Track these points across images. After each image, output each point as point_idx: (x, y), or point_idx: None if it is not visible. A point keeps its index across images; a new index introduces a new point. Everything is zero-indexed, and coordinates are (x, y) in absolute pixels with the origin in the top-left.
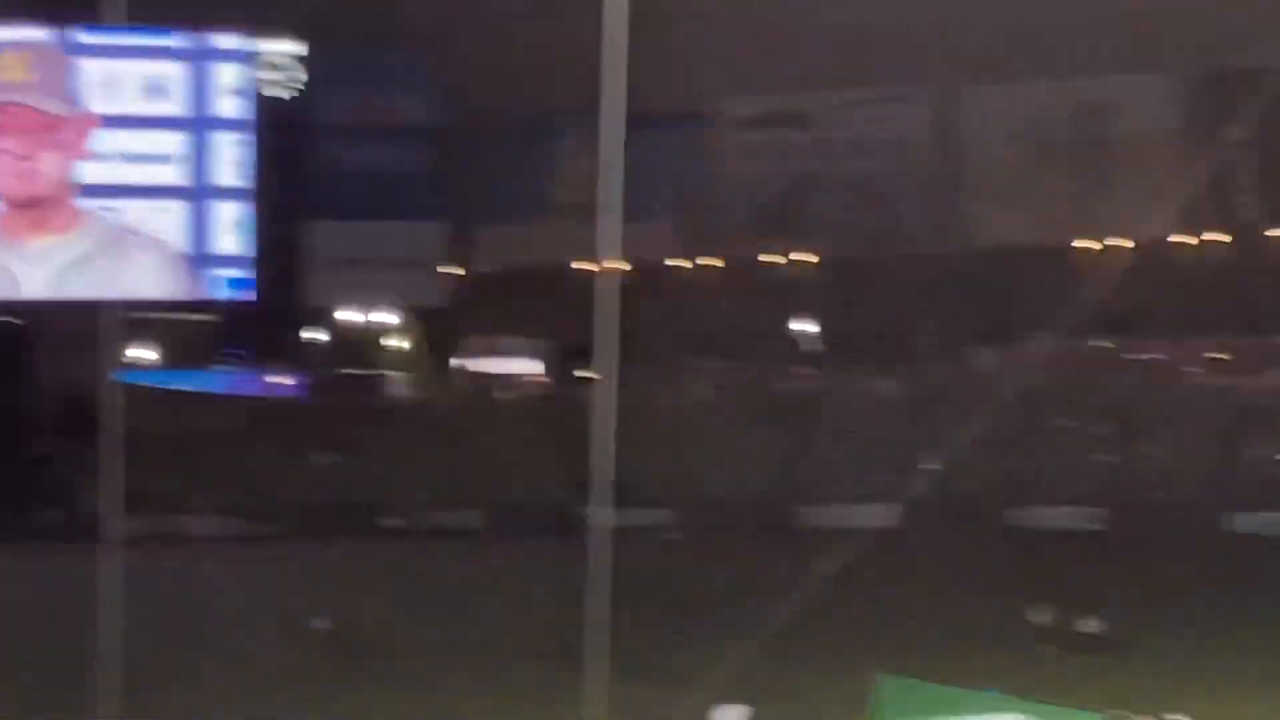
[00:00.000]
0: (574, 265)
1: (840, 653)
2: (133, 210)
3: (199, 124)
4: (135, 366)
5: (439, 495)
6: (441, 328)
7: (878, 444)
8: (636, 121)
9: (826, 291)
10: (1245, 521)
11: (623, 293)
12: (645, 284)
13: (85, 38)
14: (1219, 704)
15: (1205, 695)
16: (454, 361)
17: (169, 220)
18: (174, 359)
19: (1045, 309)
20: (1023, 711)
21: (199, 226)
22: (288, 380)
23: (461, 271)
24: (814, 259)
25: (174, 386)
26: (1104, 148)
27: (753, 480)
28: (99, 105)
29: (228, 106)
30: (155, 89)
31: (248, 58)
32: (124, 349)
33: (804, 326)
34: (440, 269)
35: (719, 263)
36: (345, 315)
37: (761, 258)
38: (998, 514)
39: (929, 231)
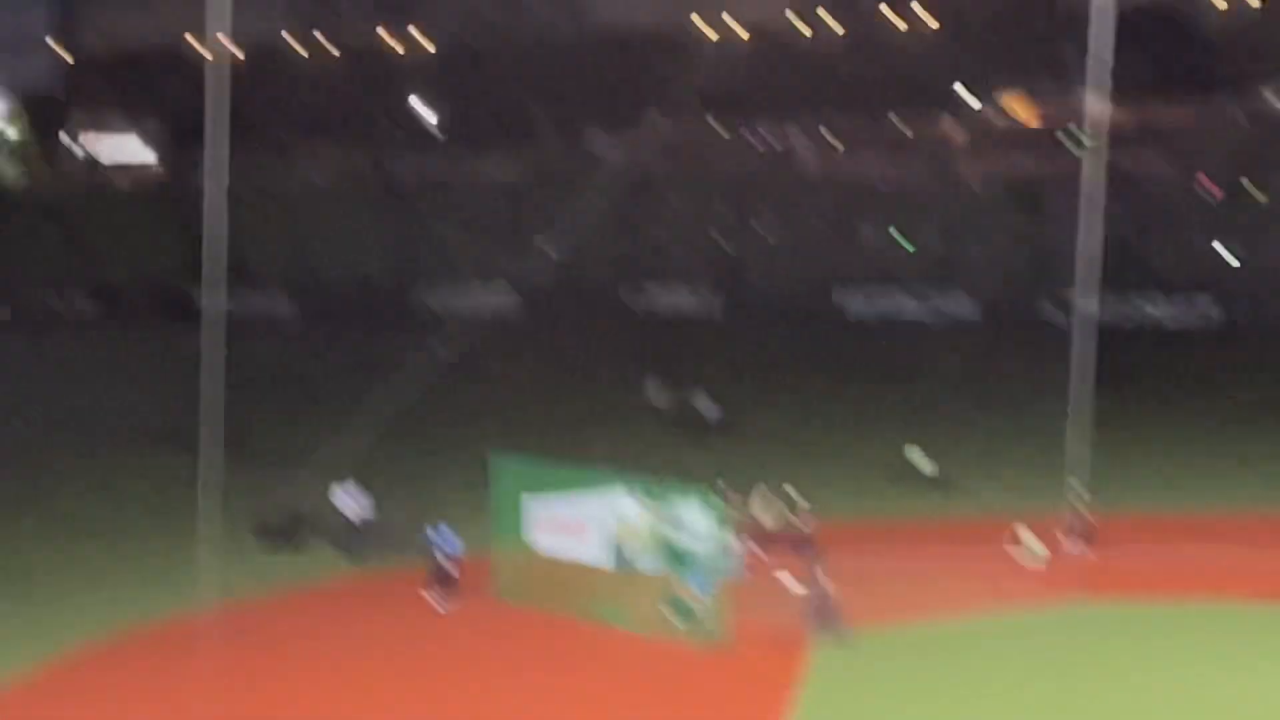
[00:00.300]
0: (185, 44)
1: (458, 434)
2: None
3: None
4: None
5: (49, 281)
6: (49, 110)
7: (495, 227)
8: None
9: (443, 75)
10: (853, 301)
11: (235, 74)
12: (258, 65)
13: None
14: (820, 478)
15: (809, 470)
16: (63, 144)
17: None
18: None
19: (661, 91)
20: (631, 487)
21: None
22: None
23: (69, 52)
24: (430, 42)
25: None
26: None
27: (369, 264)
28: None
29: None
30: None
31: None
32: None
33: (421, 110)
34: (47, 48)
35: (334, 44)
36: None
37: (378, 39)
38: (615, 295)
39: (545, 13)
